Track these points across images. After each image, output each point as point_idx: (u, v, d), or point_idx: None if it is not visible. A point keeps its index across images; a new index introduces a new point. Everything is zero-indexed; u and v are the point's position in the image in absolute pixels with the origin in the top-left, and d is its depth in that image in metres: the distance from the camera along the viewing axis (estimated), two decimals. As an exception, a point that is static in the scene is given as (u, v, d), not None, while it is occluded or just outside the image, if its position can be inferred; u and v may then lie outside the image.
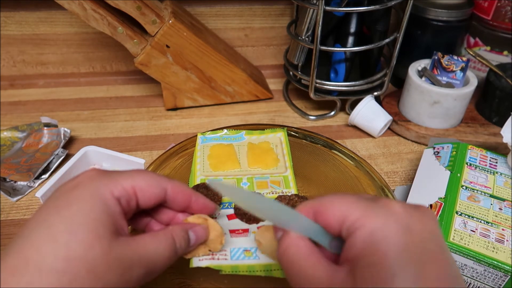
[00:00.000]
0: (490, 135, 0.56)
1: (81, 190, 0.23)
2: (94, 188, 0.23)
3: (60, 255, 0.21)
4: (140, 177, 0.26)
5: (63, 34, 0.68)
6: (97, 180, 0.24)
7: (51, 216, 0.22)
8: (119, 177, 0.25)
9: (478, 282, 0.36)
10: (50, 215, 0.22)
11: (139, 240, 0.24)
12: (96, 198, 0.23)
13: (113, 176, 0.25)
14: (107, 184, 0.24)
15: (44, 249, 0.21)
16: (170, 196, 0.27)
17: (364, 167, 0.44)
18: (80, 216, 0.22)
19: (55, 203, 0.23)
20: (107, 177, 0.24)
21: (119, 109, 0.65)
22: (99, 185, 0.23)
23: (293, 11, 0.69)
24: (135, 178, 0.25)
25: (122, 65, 0.73)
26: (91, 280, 0.21)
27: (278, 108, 0.66)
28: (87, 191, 0.23)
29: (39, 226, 0.22)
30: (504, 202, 0.39)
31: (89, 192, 0.23)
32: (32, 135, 0.55)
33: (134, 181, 0.25)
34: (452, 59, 0.56)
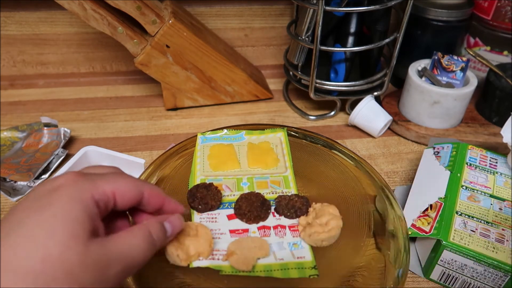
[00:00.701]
0: (490, 135, 0.56)
1: (62, 192, 0.23)
2: (75, 191, 0.23)
3: (37, 257, 0.21)
4: (121, 181, 0.26)
5: (63, 34, 0.68)
6: (78, 183, 0.24)
7: (30, 217, 0.22)
8: (100, 180, 0.25)
9: (478, 282, 0.36)
10: (29, 217, 0.22)
11: (115, 238, 0.24)
12: (76, 200, 0.23)
13: (95, 180, 0.25)
14: (89, 188, 0.24)
15: (21, 250, 0.21)
16: (146, 199, 0.28)
17: (364, 167, 0.44)
18: (60, 218, 0.22)
19: (35, 204, 0.23)
20: (88, 180, 0.25)
21: (119, 109, 0.65)
22: (81, 188, 0.24)
23: (293, 11, 0.69)
24: (116, 182, 0.26)
25: (122, 65, 0.73)
26: (68, 281, 0.21)
27: (278, 108, 0.66)
28: (67, 194, 0.23)
29: (17, 227, 0.22)
30: (504, 202, 0.39)
31: (70, 194, 0.23)
32: (32, 135, 0.55)
33: (115, 185, 0.26)
34: (452, 59, 0.56)
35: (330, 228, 0.30)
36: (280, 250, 0.34)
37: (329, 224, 0.31)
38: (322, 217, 0.31)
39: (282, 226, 0.36)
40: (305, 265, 0.33)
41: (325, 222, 0.31)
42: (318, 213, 0.32)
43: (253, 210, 0.36)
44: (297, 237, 0.35)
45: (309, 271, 0.32)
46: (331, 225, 0.31)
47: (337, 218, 0.31)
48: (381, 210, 0.39)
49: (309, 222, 0.32)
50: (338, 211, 0.32)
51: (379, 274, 0.33)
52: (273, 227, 0.36)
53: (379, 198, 0.40)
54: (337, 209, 0.32)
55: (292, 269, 0.32)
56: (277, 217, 0.38)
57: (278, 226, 0.36)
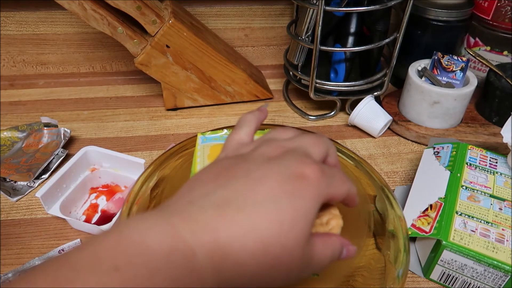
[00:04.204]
0: (490, 135, 0.56)
1: (309, 187, 0.23)
2: (318, 191, 0.24)
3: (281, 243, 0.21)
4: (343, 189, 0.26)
5: (63, 34, 0.68)
6: (320, 183, 0.24)
7: (285, 199, 0.22)
8: (332, 188, 0.25)
9: (478, 282, 0.36)
10: (284, 197, 0.22)
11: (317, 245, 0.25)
12: (316, 202, 0.24)
13: (329, 185, 0.25)
14: (325, 193, 0.25)
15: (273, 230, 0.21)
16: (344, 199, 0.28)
17: (364, 167, 0.44)
18: (303, 211, 0.23)
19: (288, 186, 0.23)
20: (326, 185, 0.25)
21: (119, 109, 0.65)
22: (320, 190, 0.24)
23: (293, 11, 0.69)
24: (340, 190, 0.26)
25: (122, 65, 0.73)
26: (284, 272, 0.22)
27: (278, 108, 0.66)
28: (313, 191, 0.23)
29: (270, 201, 0.22)
30: (504, 202, 0.39)
31: (314, 193, 0.24)
32: (32, 135, 0.55)
33: (337, 193, 0.26)
34: (452, 59, 0.56)
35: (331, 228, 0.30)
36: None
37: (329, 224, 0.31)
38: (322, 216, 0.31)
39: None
40: (305, 265, 0.33)
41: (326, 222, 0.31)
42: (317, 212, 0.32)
43: None
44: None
45: (309, 271, 0.32)
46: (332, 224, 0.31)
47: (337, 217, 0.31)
48: (381, 210, 0.39)
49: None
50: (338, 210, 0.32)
51: (379, 274, 0.33)
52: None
53: (379, 198, 0.40)
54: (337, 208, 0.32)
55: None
56: None
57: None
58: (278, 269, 0.22)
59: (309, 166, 0.24)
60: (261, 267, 0.21)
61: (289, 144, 0.27)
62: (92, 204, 0.47)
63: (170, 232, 0.20)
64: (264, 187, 0.23)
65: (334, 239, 0.27)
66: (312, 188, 0.23)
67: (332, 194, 0.25)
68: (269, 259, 0.21)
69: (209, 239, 0.20)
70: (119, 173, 0.49)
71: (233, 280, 0.21)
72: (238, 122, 0.31)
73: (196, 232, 0.20)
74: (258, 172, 0.24)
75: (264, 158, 0.25)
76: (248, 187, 0.23)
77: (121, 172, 0.49)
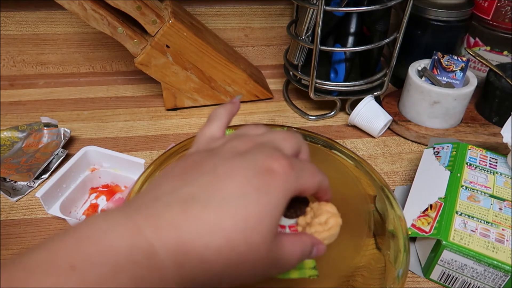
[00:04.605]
0: (490, 135, 0.56)
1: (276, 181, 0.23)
2: (286, 185, 0.23)
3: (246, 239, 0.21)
4: (314, 181, 0.26)
5: (63, 34, 0.68)
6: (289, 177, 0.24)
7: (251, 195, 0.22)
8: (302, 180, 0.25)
9: (478, 282, 0.36)
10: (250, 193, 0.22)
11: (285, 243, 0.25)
12: (284, 196, 0.23)
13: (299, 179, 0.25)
14: (293, 187, 0.24)
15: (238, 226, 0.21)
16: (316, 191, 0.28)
17: (364, 167, 0.44)
18: (269, 207, 0.22)
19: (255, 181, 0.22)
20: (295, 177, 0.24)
21: (119, 109, 0.65)
22: (289, 184, 0.24)
23: (293, 11, 0.69)
24: (310, 182, 0.26)
25: (122, 65, 0.73)
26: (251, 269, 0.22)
27: (278, 108, 0.66)
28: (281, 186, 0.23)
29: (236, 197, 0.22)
30: (504, 202, 0.39)
31: (283, 187, 0.23)
32: (32, 135, 0.55)
33: (308, 185, 0.26)
34: (452, 59, 0.56)
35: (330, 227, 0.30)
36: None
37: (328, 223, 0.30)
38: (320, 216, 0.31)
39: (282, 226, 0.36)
40: (305, 265, 0.33)
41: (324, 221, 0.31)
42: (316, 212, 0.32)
43: None
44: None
45: (308, 272, 0.32)
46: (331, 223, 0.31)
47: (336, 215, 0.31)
48: (381, 210, 0.39)
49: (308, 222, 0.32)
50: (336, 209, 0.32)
51: (379, 274, 0.33)
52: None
53: (379, 198, 0.40)
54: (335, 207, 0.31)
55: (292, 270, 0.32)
56: None
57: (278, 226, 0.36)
58: (243, 267, 0.21)
59: (278, 161, 0.24)
60: (227, 265, 0.21)
61: (259, 138, 0.27)
62: (92, 204, 0.47)
63: (131, 229, 0.19)
64: (231, 183, 0.22)
65: (304, 238, 0.27)
66: (280, 182, 0.23)
67: (302, 187, 0.25)
68: (234, 256, 0.21)
69: (172, 237, 0.20)
70: (119, 173, 0.49)
71: (198, 278, 0.20)
72: (209, 116, 0.30)
73: (159, 229, 0.20)
74: (226, 167, 0.23)
75: (233, 153, 0.25)
76: (214, 182, 0.22)
77: (121, 172, 0.49)
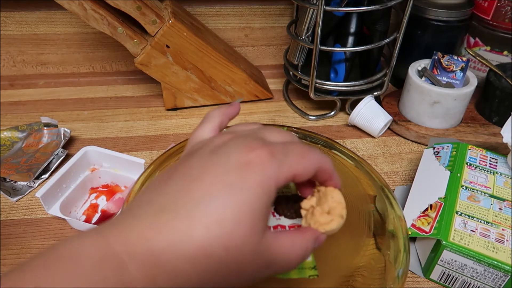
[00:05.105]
0: (490, 135, 0.56)
1: (252, 173, 0.21)
2: (265, 177, 0.21)
3: (222, 243, 0.20)
4: (304, 163, 0.24)
5: (63, 34, 0.68)
6: (268, 166, 0.22)
7: (223, 195, 0.20)
8: (287, 165, 0.23)
9: (478, 282, 0.36)
10: (222, 192, 0.20)
11: (280, 241, 0.23)
12: (264, 189, 0.21)
13: (282, 164, 0.22)
14: (276, 174, 0.22)
15: (212, 232, 0.20)
16: (316, 175, 0.26)
17: (364, 167, 0.44)
18: (247, 206, 0.20)
19: (227, 177, 0.21)
20: (276, 164, 0.22)
21: (119, 109, 0.65)
22: (269, 174, 0.21)
23: (293, 11, 0.69)
24: (301, 165, 0.23)
25: (122, 65, 0.73)
26: (237, 272, 0.21)
27: (278, 108, 0.66)
28: (257, 177, 0.21)
29: (210, 203, 0.20)
30: (504, 202, 0.39)
31: (260, 179, 0.21)
32: (32, 135, 0.55)
33: (298, 169, 0.23)
34: (452, 59, 0.56)
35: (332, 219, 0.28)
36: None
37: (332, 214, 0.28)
38: (323, 204, 0.28)
39: (282, 226, 0.36)
40: (305, 265, 0.33)
41: (328, 211, 0.28)
42: (322, 197, 0.29)
43: None
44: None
45: (308, 272, 0.32)
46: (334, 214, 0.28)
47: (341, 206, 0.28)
48: (381, 210, 0.39)
49: (312, 205, 0.29)
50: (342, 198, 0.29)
51: (379, 274, 0.33)
52: (273, 227, 0.36)
53: (379, 198, 0.40)
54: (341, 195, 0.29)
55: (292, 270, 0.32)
56: (277, 217, 0.37)
57: (278, 226, 0.36)
58: (226, 273, 0.20)
59: (254, 151, 0.22)
60: (205, 273, 0.20)
61: (242, 132, 0.25)
62: (92, 204, 0.47)
63: (101, 246, 0.19)
64: (202, 184, 0.21)
65: (307, 235, 0.25)
66: (258, 174, 0.21)
67: (290, 173, 0.23)
68: (212, 263, 0.20)
69: (141, 249, 0.19)
70: (119, 173, 0.49)
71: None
72: (203, 118, 0.29)
73: (128, 243, 0.19)
74: (199, 167, 0.22)
75: (209, 150, 0.23)
76: (186, 186, 0.21)
77: (121, 172, 0.49)
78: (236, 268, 0.20)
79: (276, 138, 0.25)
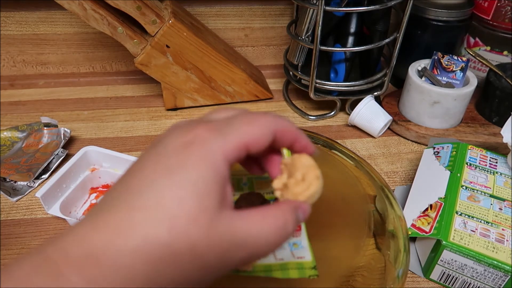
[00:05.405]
0: (490, 135, 0.56)
1: (192, 151, 0.20)
2: (207, 153, 0.20)
3: (165, 226, 0.19)
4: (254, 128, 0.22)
5: (63, 34, 0.68)
6: (210, 141, 0.21)
7: (162, 178, 0.20)
8: (233, 135, 0.22)
9: (478, 282, 0.36)
10: (161, 176, 0.20)
11: (245, 219, 0.21)
12: (208, 165, 0.20)
13: (225, 134, 0.22)
14: (221, 147, 0.21)
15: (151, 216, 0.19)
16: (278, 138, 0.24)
17: (364, 167, 0.44)
18: (190, 185, 0.20)
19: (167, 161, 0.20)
20: (220, 137, 0.21)
21: (119, 109, 0.65)
22: (212, 146, 0.21)
23: (293, 11, 0.69)
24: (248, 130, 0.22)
25: (122, 65, 0.73)
26: (192, 257, 0.19)
27: (278, 108, 0.66)
28: (199, 156, 0.20)
29: (149, 188, 0.20)
30: (504, 202, 0.39)
31: (202, 156, 0.20)
32: (32, 135, 0.55)
33: (248, 136, 0.22)
34: (452, 59, 0.56)
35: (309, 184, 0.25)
36: (280, 250, 0.34)
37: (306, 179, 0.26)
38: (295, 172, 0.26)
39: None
40: (305, 265, 0.33)
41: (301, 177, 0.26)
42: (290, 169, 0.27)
43: None
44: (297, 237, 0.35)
45: (308, 271, 0.32)
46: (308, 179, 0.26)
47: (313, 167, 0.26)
48: (381, 210, 0.39)
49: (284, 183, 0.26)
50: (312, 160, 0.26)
51: (379, 274, 0.33)
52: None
53: (379, 198, 0.40)
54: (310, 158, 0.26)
55: (292, 270, 0.32)
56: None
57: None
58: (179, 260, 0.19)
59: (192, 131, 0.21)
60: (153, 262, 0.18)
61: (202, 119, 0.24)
62: (92, 204, 0.47)
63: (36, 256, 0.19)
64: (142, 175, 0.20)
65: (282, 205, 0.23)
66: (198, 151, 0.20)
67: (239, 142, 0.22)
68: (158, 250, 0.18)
69: (76, 253, 0.18)
70: (119, 173, 0.49)
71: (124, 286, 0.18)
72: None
73: (63, 248, 0.19)
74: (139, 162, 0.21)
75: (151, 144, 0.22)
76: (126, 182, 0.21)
77: (121, 172, 0.49)
78: (190, 254, 0.19)
79: (222, 115, 0.24)
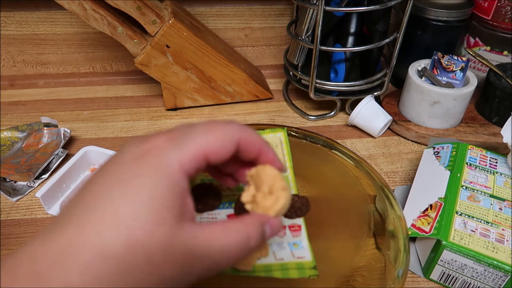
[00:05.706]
0: (490, 135, 0.56)
1: (147, 162, 0.20)
2: (162, 163, 0.20)
3: (121, 240, 0.18)
4: (213, 137, 0.22)
5: (63, 34, 0.68)
6: (166, 150, 0.20)
7: (116, 189, 0.19)
8: (190, 144, 0.21)
9: (478, 282, 0.36)
10: (115, 188, 0.19)
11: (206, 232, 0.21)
12: (162, 173, 0.20)
13: (184, 144, 0.21)
14: (176, 156, 0.20)
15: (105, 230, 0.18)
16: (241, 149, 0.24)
17: (364, 167, 0.44)
18: (145, 197, 0.19)
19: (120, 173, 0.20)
20: (176, 146, 0.21)
21: (119, 109, 0.65)
22: (168, 157, 0.20)
23: (293, 11, 0.69)
24: (207, 139, 0.22)
25: (122, 65, 0.73)
26: (150, 271, 0.19)
27: (278, 108, 0.66)
28: (154, 166, 0.20)
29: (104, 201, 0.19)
30: (504, 202, 0.39)
31: (156, 165, 0.20)
32: (32, 135, 0.55)
33: (207, 145, 0.22)
34: (452, 59, 0.56)
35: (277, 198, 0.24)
36: (280, 250, 0.34)
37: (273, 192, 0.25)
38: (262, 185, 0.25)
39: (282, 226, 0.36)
40: (305, 265, 0.33)
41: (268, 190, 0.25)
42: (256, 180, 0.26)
43: None
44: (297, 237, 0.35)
45: (308, 272, 0.32)
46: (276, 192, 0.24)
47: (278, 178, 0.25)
48: (381, 210, 0.39)
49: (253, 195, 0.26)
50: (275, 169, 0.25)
51: (379, 274, 0.33)
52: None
53: (379, 198, 0.40)
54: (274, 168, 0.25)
55: (292, 270, 0.32)
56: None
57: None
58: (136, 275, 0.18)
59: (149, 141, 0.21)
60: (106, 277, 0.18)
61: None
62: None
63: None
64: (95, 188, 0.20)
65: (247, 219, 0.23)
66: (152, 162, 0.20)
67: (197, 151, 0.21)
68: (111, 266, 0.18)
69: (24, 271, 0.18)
70: (119, 173, 0.49)
71: None
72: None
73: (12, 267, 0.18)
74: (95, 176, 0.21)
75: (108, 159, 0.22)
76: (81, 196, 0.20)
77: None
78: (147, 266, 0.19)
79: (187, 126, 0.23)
